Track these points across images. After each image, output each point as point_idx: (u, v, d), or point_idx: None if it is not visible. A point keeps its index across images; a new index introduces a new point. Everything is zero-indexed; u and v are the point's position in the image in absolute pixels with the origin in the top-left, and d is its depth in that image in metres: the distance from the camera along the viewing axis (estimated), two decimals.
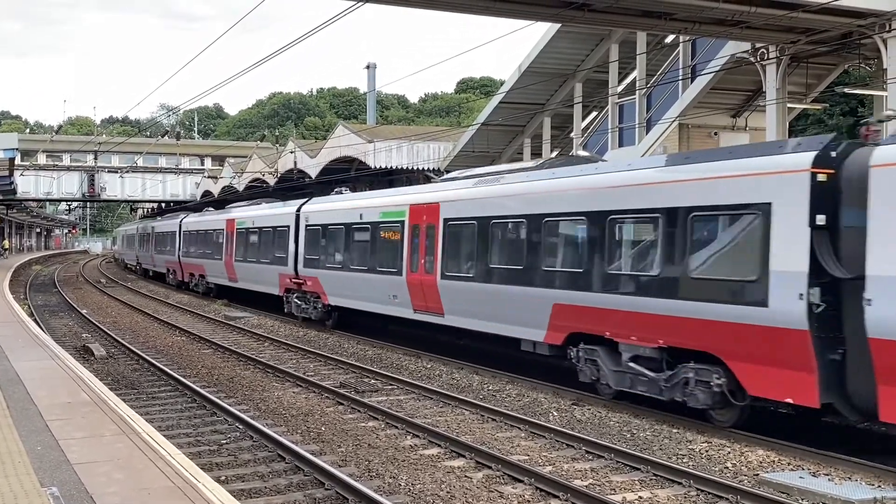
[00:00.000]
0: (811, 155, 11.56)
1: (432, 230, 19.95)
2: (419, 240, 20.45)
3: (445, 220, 19.45)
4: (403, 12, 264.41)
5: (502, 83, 37.50)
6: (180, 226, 45.42)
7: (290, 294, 28.70)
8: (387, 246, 22.06)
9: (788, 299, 11.48)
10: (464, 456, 11.79)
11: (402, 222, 21.28)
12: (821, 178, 11.43)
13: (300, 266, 27.58)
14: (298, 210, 28.63)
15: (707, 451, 12.02)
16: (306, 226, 27.55)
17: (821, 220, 11.35)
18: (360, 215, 23.76)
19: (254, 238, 32.80)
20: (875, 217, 10.73)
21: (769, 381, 12.03)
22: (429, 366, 19.74)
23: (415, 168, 37.47)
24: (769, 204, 11.93)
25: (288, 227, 29.09)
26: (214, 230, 38.54)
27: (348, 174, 41.39)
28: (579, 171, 16.27)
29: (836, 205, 11.40)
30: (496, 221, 17.83)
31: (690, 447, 12.25)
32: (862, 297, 10.72)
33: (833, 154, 11.58)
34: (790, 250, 11.57)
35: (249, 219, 34.03)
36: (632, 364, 14.31)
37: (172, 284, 47.33)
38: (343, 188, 29.38)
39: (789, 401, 11.85)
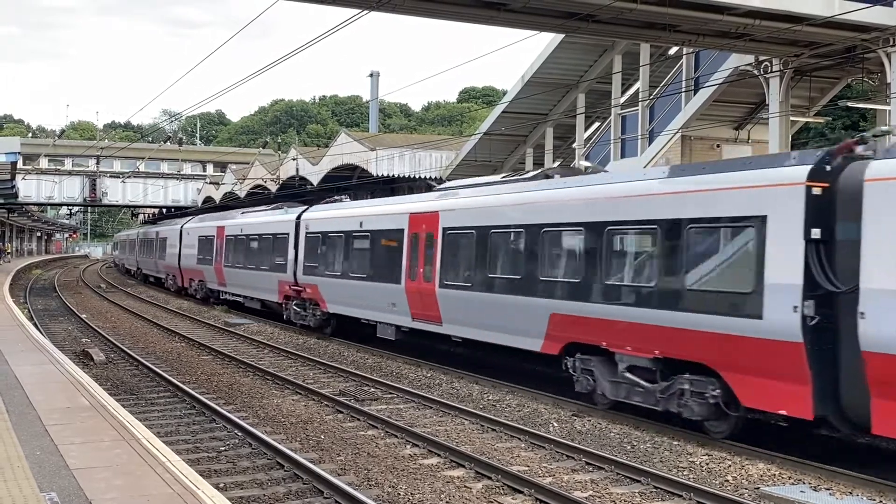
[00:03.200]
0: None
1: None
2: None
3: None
4: (407, 21, 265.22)
5: (505, 93, 37.53)
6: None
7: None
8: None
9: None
10: (463, 466, 11.76)
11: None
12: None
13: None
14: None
15: (708, 464, 11.98)
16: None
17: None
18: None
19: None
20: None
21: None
22: (429, 375, 19.70)
23: (417, 177, 37.47)
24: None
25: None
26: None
27: (350, 182, 41.40)
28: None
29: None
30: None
31: (691, 460, 12.21)
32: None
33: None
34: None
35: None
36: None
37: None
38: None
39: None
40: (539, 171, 19.08)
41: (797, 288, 11.39)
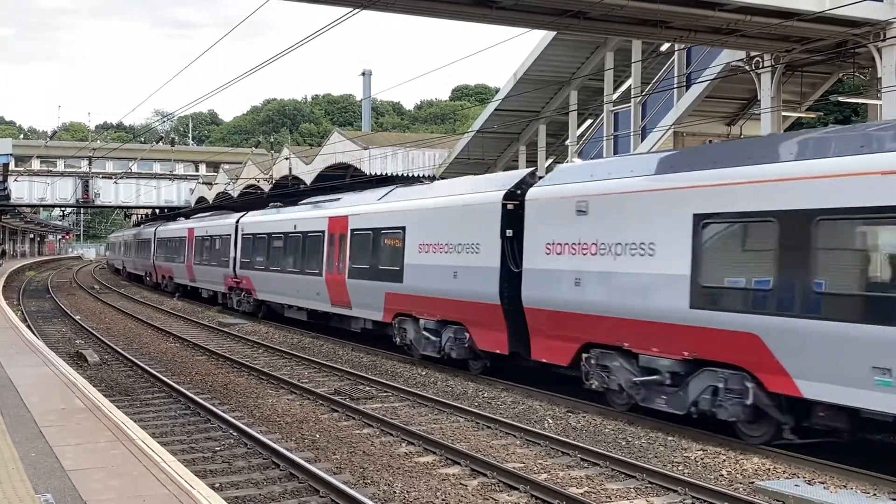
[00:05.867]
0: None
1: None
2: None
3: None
4: (399, 19, 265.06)
5: (497, 90, 37.50)
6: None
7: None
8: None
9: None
10: (459, 463, 11.77)
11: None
12: (510, 207, 17.47)
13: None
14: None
15: (702, 459, 12.01)
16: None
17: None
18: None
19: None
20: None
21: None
22: (424, 373, 19.72)
23: (410, 175, 37.46)
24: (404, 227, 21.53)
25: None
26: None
27: (343, 181, 41.37)
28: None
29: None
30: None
31: (686, 455, 12.25)
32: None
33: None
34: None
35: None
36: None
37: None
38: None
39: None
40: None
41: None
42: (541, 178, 17.49)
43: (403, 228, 21.15)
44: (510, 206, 17.39)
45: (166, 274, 47.84)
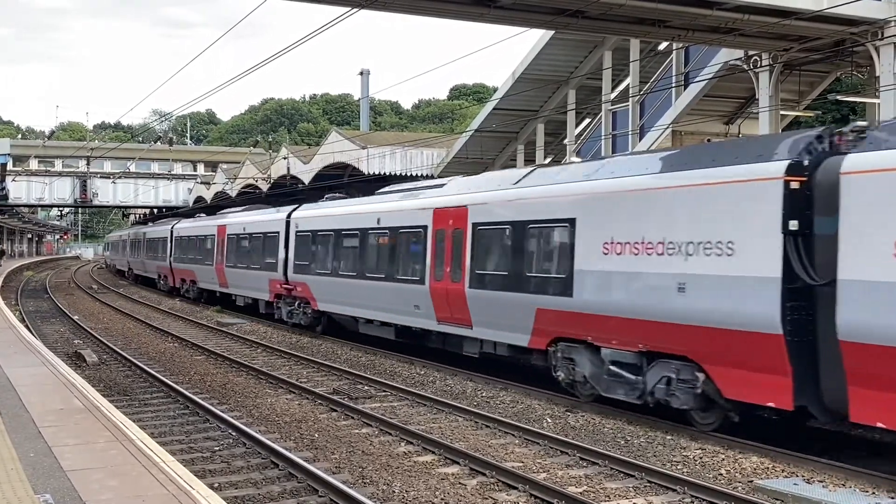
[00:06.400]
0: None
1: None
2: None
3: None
4: (397, 19, 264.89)
5: (495, 90, 37.50)
6: (172, 232, 45.51)
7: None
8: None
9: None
10: (458, 463, 11.77)
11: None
12: (795, 186, 11.80)
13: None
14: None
15: (701, 458, 12.02)
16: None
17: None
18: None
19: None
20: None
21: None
22: (422, 372, 19.71)
23: (408, 174, 37.44)
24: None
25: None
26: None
27: (341, 180, 41.35)
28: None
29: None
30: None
31: (685, 454, 12.25)
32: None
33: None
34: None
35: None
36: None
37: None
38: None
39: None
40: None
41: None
42: (854, 138, 11.74)
43: (572, 221, 15.42)
44: (795, 186, 11.83)
45: (187, 277, 42.44)
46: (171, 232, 45.57)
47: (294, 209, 29.27)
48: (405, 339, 21.85)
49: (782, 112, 23.66)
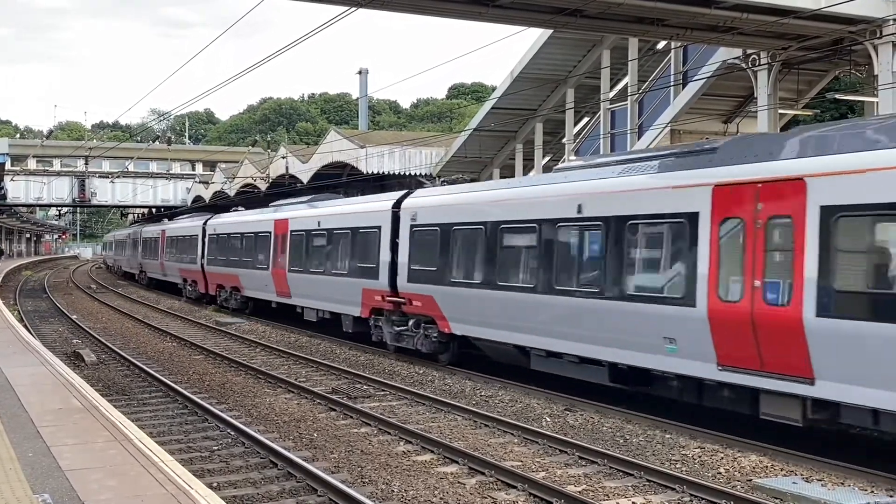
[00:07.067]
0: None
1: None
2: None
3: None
4: (395, 18, 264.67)
5: (493, 89, 37.48)
6: (205, 229, 38.95)
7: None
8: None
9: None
10: (457, 462, 11.77)
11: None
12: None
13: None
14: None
15: (700, 457, 12.02)
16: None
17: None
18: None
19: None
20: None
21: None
22: (421, 371, 19.70)
23: (407, 174, 37.46)
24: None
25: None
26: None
27: (340, 179, 41.37)
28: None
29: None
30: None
31: (683, 452, 12.25)
32: None
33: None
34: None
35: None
36: None
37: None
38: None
39: None
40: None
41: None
42: None
43: None
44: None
45: (226, 284, 35.40)
46: (204, 229, 38.98)
47: (404, 196, 22.23)
48: (627, 384, 15.03)
49: (781, 111, 23.66)
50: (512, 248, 17.43)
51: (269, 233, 30.41)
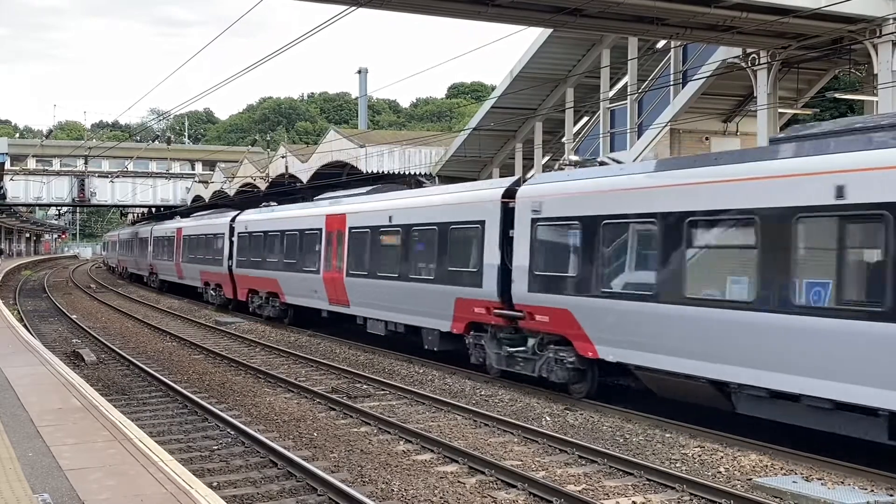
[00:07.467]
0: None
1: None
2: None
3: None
4: (395, 17, 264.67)
5: (493, 88, 37.46)
6: (233, 227, 34.89)
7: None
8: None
9: None
10: (457, 461, 11.77)
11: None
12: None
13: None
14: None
15: (700, 456, 12.02)
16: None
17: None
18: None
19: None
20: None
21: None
22: (421, 371, 19.70)
23: (407, 173, 37.44)
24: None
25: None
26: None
27: (340, 179, 41.35)
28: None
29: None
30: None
31: (683, 452, 12.25)
32: None
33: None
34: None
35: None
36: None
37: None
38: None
39: None
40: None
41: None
42: None
43: None
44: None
45: (261, 288, 31.35)
46: (231, 226, 34.93)
47: (516, 183, 18.05)
48: None
49: (780, 110, 23.65)
50: (709, 247, 13.21)
51: (320, 230, 26.37)
